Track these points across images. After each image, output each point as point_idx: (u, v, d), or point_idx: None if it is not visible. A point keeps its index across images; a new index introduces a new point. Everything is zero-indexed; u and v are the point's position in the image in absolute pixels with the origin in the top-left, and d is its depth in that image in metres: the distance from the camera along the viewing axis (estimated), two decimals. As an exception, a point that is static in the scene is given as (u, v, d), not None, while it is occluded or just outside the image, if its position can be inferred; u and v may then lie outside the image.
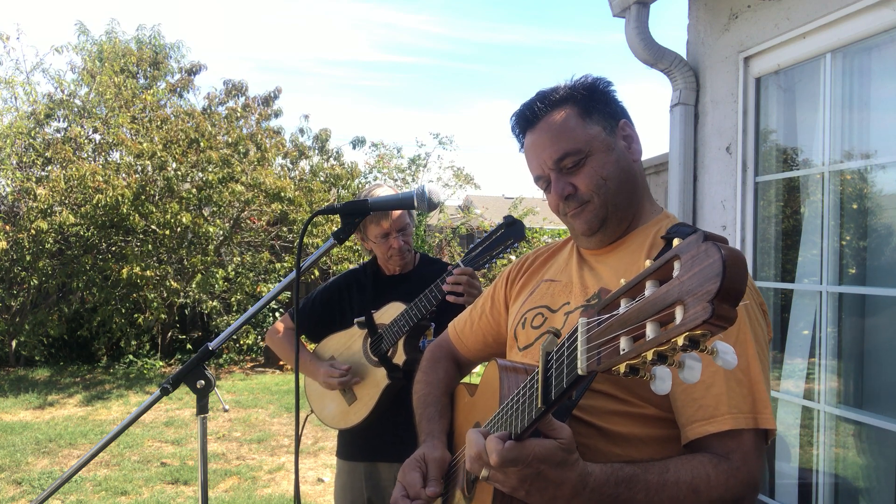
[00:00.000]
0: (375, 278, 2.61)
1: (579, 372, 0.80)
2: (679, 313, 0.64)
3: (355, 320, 2.45)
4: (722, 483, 1.06)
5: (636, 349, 0.69)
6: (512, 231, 2.19)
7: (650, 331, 0.68)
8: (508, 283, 1.54)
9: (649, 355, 0.69)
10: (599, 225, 1.28)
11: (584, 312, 0.82)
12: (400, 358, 2.37)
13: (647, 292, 0.70)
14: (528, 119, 1.32)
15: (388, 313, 2.42)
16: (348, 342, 2.56)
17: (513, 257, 5.38)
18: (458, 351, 1.65)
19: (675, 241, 0.69)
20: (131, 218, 8.76)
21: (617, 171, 1.27)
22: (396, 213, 2.43)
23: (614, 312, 0.75)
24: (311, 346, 2.82)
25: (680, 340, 0.65)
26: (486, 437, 1.00)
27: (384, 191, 2.45)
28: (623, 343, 0.71)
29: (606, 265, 1.30)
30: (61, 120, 10.44)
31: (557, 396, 0.88)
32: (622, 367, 0.72)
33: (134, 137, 9.54)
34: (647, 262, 0.73)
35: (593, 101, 1.29)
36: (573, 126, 1.27)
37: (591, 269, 1.33)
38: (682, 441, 1.14)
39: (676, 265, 0.67)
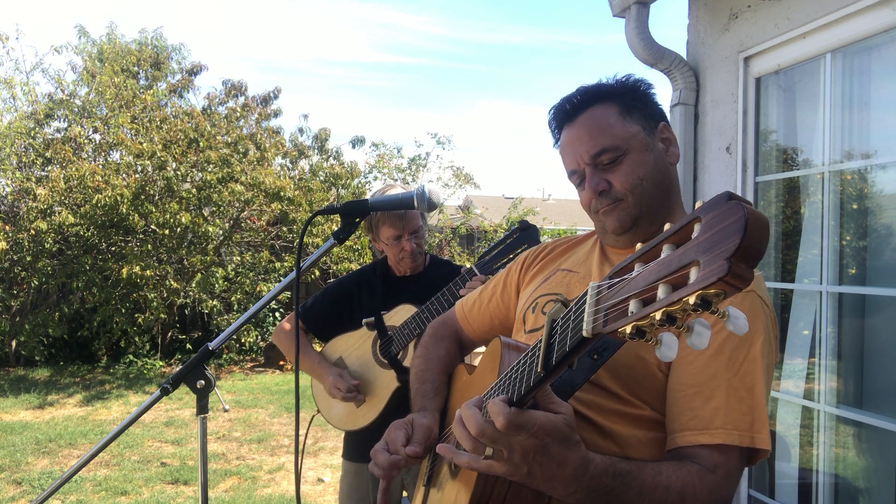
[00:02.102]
0: (385, 279, 2.60)
1: (584, 334, 0.77)
2: (693, 273, 0.62)
3: (364, 321, 2.44)
4: (704, 497, 1.05)
5: (645, 311, 0.67)
6: (526, 236, 2.19)
7: (661, 292, 0.65)
8: (523, 268, 1.52)
9: (658, 315, 0.66)
10: (631, 224, 1.27)
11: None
12: (410, 361, 2.36)
13: (662, 255, 0.69)
14: (566, 113, 1.30)
15: (399, 315, 2.41)
16: (357, 343, 2.55)
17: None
18: (463, 330, 1.63)
19: (698, 204, 0.67)
20: (131, 218, 8.76)
21: (654, 171, 1.26)
22: (410, 215, 2.42)
23: (626, 276, 0.73)
24: (318, 347, 2.81)
25: (692, 299, 0.62)
26: (484, 405, 0.96)
27: (396, 191, 2.46)
28: (632, 306, 0.69)
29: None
30: (61, 120, 10.44)
31: (559, 361, 0.84)
32: (629, 329, 0.69)
33: (134, 138, 9.54)
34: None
35: (635, 100, 1.29)
36: (613, 122, 1.25)
37: (613, 265, 1.31)
38: (667, 446, 1.13)
39: (696, 227, 0.66)
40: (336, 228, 1.75)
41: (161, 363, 10.04)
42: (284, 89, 28.25)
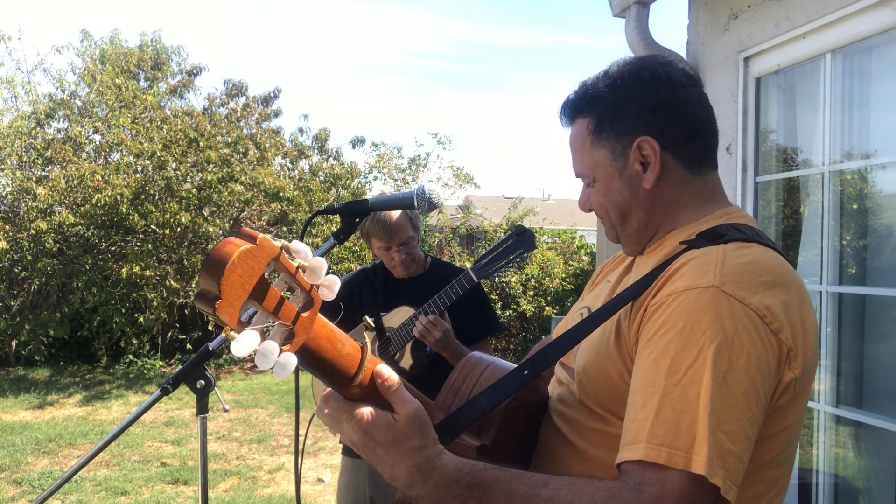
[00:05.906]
0: (386, 281, 2.61)
1: None
2: None
3: (364, 318, 2.46)
4: None
5: None
6: (522, 241, 2.17)
7: None
8: (590, 282, 1.52)
9: None
10: (616, 240, 1.28)
11: None
12: (407, 362, 2.36)
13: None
14: (563, 119, 1.29)
15: (398, 317, 2.42)
16: None
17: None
18: None
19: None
20: (131, 217, 8.76)
21: (620, 201, 1.19)
22: (397, 227, 2.42)
23: None
24: None
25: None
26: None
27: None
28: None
29: (639, 269, 1.24)
30: (62, 120, 10.43)
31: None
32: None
33: (134, 138, 9.53)
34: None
35: (614, 112, 1.17)
36: (582, 147, 1.22)
37: (629, 272, 1.28)
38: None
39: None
40: (336, 229, 1.75)
41: (161, 363, 10.04)
42: (285, 89, 28.22)
